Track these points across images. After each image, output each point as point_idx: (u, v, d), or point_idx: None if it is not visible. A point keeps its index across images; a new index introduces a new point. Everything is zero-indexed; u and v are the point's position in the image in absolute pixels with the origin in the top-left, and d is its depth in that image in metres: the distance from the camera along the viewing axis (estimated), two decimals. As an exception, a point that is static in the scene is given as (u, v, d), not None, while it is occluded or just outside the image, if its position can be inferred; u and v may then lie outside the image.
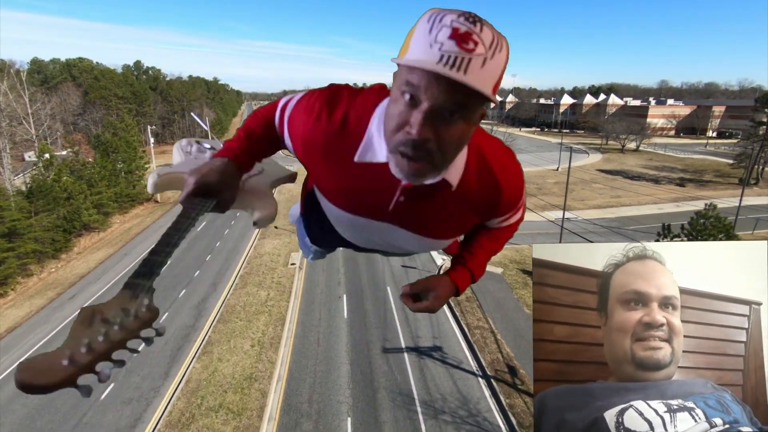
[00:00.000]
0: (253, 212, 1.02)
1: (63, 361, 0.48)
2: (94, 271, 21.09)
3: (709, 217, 14.73)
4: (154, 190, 1.02)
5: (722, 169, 43.90)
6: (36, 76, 59.34)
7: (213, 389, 12.01)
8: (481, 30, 0.63)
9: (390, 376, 12.44)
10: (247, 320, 15.65)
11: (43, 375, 0.46)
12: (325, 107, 0.85)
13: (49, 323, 16.12)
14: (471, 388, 11.87)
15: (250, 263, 20.95)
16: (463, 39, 0.62)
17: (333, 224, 1.08)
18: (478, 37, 0.63)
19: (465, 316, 15.39)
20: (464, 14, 0.64)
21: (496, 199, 0.90)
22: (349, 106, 0.85)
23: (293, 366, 12.99)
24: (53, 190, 24.03)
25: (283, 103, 0.98)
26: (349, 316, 15.83)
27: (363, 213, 0.93)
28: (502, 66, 0.67)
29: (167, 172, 1.02)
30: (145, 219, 30.15)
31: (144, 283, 0.61)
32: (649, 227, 25.41)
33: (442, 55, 0.62)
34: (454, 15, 0.64)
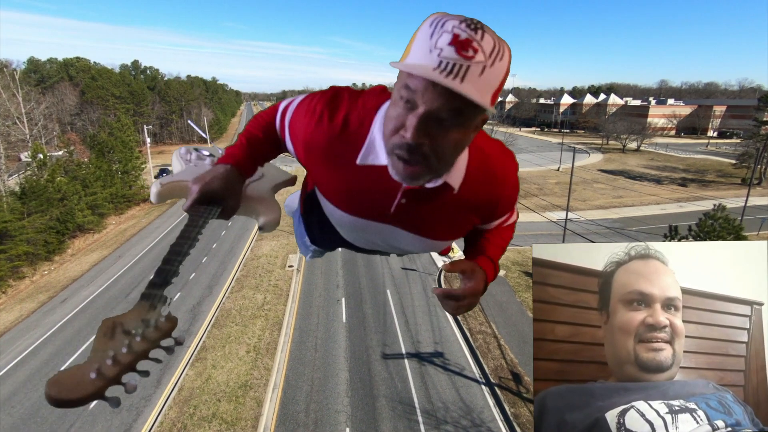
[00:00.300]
0: (258, 217, 1.04)
1: (91, 374, 0.48)
2: (87, 274, 20.62)
3: (717, 218, 14.33)
4: (158, 199, 1.02)
5: (724, 169, 43.59)
6: (33, 76, 58.95)
7: (206, 398, 11.57)
8: (482, 37, 0.62)
9: (390, 384, 12.02)
10: (242, 325, 15.21)
11: (73, 389, 0.47)
12: (326, 110, 0.85)
13: (39, 328, 15.66)
14: (474, 396, 11.45)
15: (246, 265, 20.50)
16: (462, 46, 0.61)
17: (334, 225, 1.07)
18: (478, 44, 0.62)
19: (467, 321, 14.97)
20: (466, 20, 0.63)
21: (496, 201, 0.91)
22: (350, 109, 0.85)
23: (290, 373, 12.55)
24: (46, 190, 23.58)
25: (283, 106, 0.98)
26: (347, 321, 15.40)
27: (365, 215, 0.93)
28: (502, 75, 0.65)
29: (170, 181, 1.02)
30: (141, 220, 29.69)
31: (160, 294, 0.62)
32: (653, 228, 25.02)
33: (441, 62, 0.62)
34: (456, 21, 0.63)
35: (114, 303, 17.26)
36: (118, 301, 17.44)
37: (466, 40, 0.61)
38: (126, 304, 16.86)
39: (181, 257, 0.71)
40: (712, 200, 31.95)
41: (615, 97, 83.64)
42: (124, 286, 18.84)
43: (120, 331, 0.55)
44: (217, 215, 0.88)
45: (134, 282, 19.12)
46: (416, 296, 17.03)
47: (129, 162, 33.62)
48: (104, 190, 29.06)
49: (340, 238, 1.13)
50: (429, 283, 18.18)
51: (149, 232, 26.60)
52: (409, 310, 16.03)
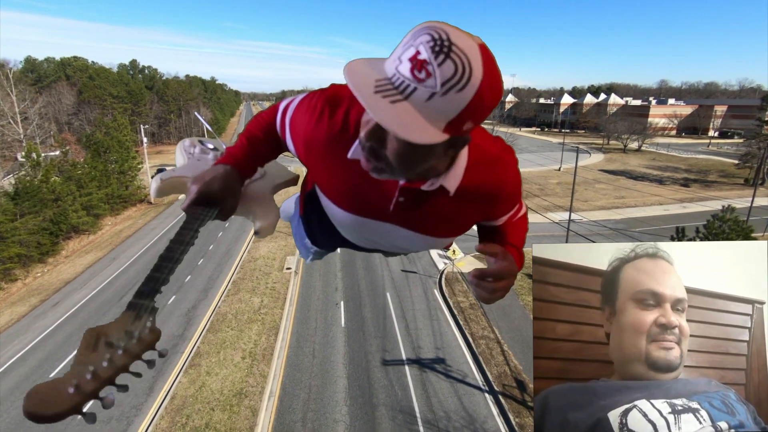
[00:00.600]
0: (254, 220, 1.02)
1: (69, 389, 0.48)
2: (81, 276, 20.19)
3: (726, 220, 13.93)
4: (158, 194, 1.02)
5: (727, 169, 43.28)
6: (30, 75, 58.49)
7: (200, 407, 11.15)
8: (442, 63, 0.58)
9: (390, 391, 11.61)
10: (238, 329, 14.80)
11: (51, 404, 0.47)
12: (326, 107, 0.85)
13: (29, 332, 15.23)
14: (477, 405, 11.04)
15: (243, 267, 20.08)
16: (417, 65, 0.59)
17: (335, 225, 1.06)
18: (433, 69, 0.58)
19: (469, 325, 14.57)
20: (438, 41, 0.59)
21: (497, 197, 0.90)
22: (350, 106, 0.83)
23: (286, 380, 12.14)
24: (40, 191, 23.15)
25: (284, 106, 0.98)
26: (346, 325, 15.00)
27: (365, 213, 0.92)
28: (461, 106, 0.61)
29: (170, 177, 1.01)
30: (137, 221, 29.28)
31: (147, 304, 0.61)
32: (658, 229, 24.64)
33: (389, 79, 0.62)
34: (427, 38, 0.59)
35: (107, 307, 16.85)
36: (111, 304, 17.03)
37: (422, 60, 0.59)
38: (119, 308, 16.38)
39: (173, 264, 0.68)
40: (715, 201, 31.66)
41: (615, 97, 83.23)
42: (118, 288, 18.42)
43: (103, 343, 0.53)
44: (215, 216, 0.87)
45: (128, 285, 18.70)
46: (417, 299, 16.63)
47: (125, 162, 33.17)
48: (100, 190, 28.63)
49: (341, 237, 1.13)
50: (429, 286, 17.79)
51: (145, 233, 26.19)
52: (410, 313, 15.63)
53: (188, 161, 1.17)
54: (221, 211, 0.88)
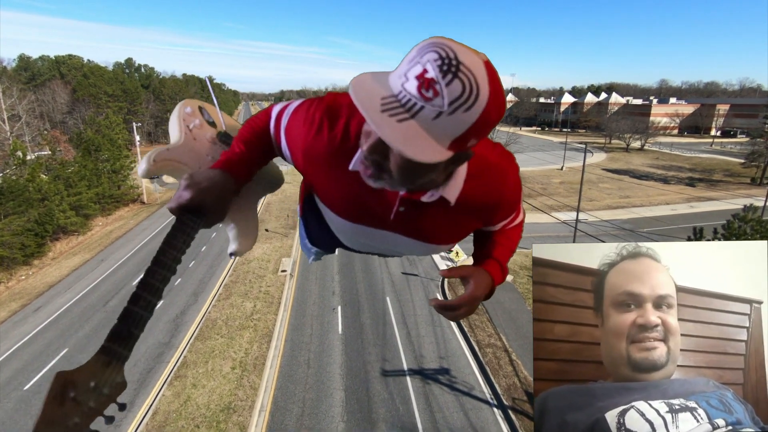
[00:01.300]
0: (232, 239, 0.98)
1: None
2: (66, 279, 19.29)
3: (749, 221, 13.09)
4: (145, 175, 0.98)
5: (732, 169, 42.56)
6: (23, 74, 57.50)
7: (183, 423, 10.27)
8: (450, 82, 0.57)
9: (390, 406, 10.74)
10: (229, 337, 13.91)
11: None
12: (325, 119, 0.83)
13: (6, 340, 14.33)
14: (486, 421, 10.18)
15: (236, 270, 19.18)
16: (424, 84, 0.58)
17: (335, 232, 1.05)
18: (440, 88, 0.57)
19: (474, 332, 13.70)
20: (446, 59, 0.58)
21: (497, 204, 0.90)
22: (350, 117, 0.82)
23: (278, 393, 11.26)
24: (26, 190, 22.22)
25: (277, 111, 0.95)
26: (344, 332, 14.12)
27: (365, 222, 0.91)
28: (467, 125, 0.60)
29: (163, 159, 0.96)
30: (128, 221, 28.37)
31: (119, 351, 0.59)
32: (667, 229, 23.84)
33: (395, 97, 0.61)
34: (434, 55, 0.58)
35: (90, 312, 15.94)
36: (95, 309, 16.13)
37: (430, 79, 0.58)
38: (104, 314, 15.57)
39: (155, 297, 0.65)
40: (723, 201, 30.91)
41: (617, 96, 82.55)
42: (104, 293, 17.52)
43: (70, 399, 0.52)
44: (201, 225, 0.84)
45: (115, 288, 17.80)
46: (418, 304, 15.76)
47: (117, 161, 32.23)
48: (90, 190, 27.70)
49: (339, 240, 1.12)
50: (431, 289, 16.92)
51: (136, 234, 25.30)
52: (411, 319, 14.76)
53: (184, 138, 1.05)
54: (208, 221, 0.85)
